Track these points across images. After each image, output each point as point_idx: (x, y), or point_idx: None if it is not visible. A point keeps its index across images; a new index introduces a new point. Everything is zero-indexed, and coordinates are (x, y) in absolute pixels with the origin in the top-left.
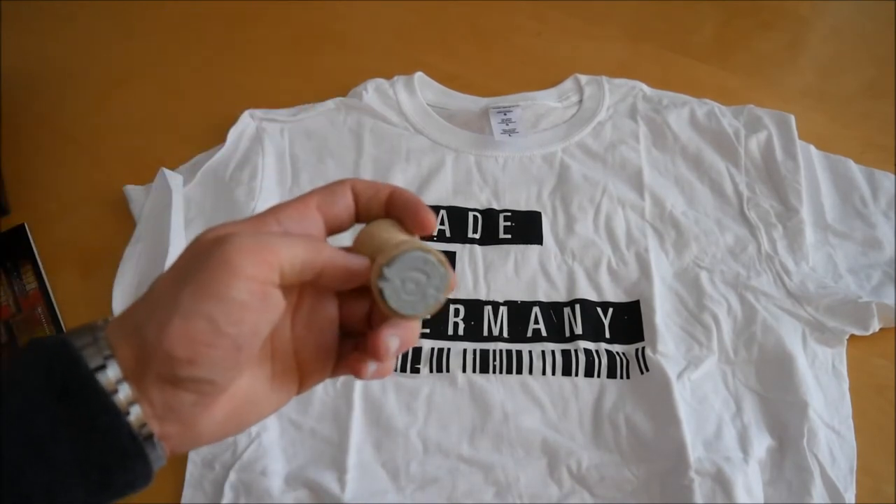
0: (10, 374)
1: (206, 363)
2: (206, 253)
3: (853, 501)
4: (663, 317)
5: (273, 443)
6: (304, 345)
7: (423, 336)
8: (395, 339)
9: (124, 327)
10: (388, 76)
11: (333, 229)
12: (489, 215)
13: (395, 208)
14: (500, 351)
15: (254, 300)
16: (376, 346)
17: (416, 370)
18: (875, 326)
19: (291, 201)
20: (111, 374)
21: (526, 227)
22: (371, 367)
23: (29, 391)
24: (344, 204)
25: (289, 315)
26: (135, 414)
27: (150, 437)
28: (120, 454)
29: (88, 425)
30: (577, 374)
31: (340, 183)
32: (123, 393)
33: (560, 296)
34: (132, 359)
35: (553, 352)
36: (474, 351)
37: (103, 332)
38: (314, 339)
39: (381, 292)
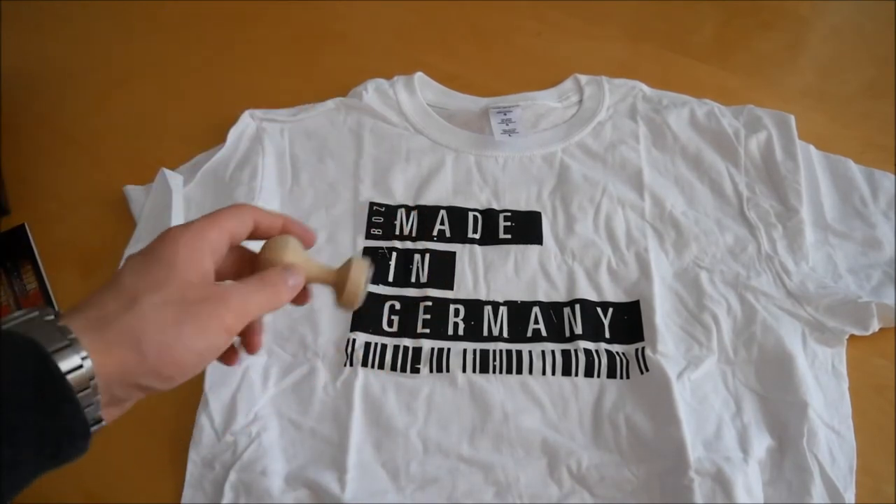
0: None
1: (173, 383)
2: (205, 306)
3: (853, 501)
4: (663, 317)
5: (273, 443)
6: None
7: (423, 336)
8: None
9: (106, 327)
10: (388, 76)
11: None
12: (489, 215)
13: (289, 230)
14: (500, 351)
15: (228, 342)
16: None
17: (416, 370)
18: (875, 326)
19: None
20: (83, 373)
21: (526, 227)
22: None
23: (8, 388)
24: (245, 229)
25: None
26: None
27: (97, 422)
28: (72, 435)
29: (53, 412)
30: (576, 374)
31: (239, 209)
32: (91, 388)
33: (560, 296)
34: (116, 366)
35: (553, 352)
36: (474, 351)
37: (73, 330)
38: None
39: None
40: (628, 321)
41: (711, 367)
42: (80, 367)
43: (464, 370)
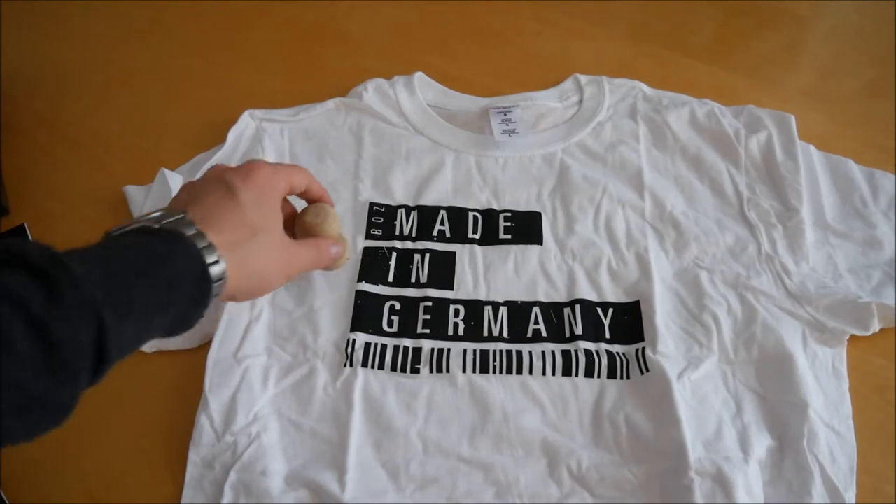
0: (156, 251)
1: (251, 298)
2: (301, 249)
3: (853, 501)
4: (663, 317)
5: (273, 443)
6: None
7: (423, 336)
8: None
9: (235, 252)
10: (388, 76)
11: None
12: (489, 215)
13: (326, 202)
14: (500, 351)
15: (276, 204)
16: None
17: (416, 370)
18: (875, 326)
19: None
20: (221, 284)
21: (526, 228)
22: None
23: (179, 273)
24: (300, 185)
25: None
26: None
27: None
28: (201, 316)
29: (200, 303)
30: (577, 375)
31: (300, 171)
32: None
33: (560, 296)
34: (235, 281)
35: (553, 352)
36: (474, 351)
37: (217, 252)
38: None
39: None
40: (628, 321)
41: (711, 367)
42: (221, 279)
43: (464, 370)
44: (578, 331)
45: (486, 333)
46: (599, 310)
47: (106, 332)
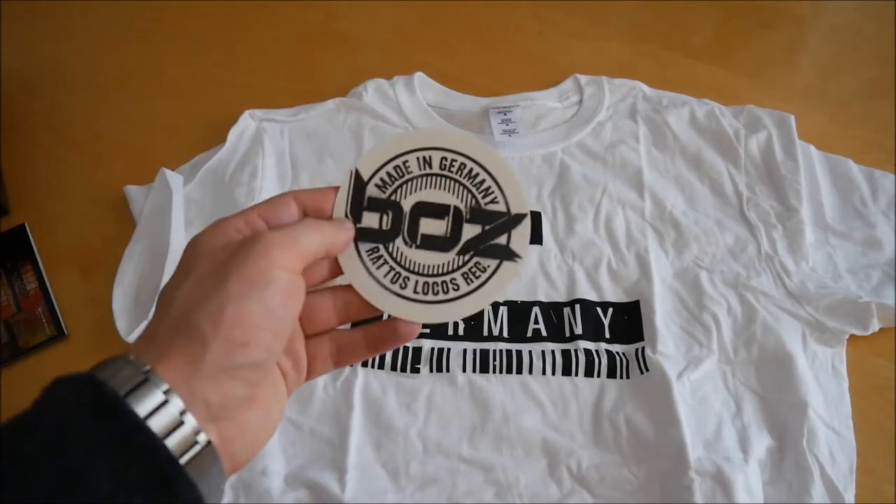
0: (38, 408)
1: (258, 346)
2: (241, 250)
3: (853, 501)
4: (663, 317)
5: (273, 443)
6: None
7: (423, 336)
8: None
9: (158, 339)
10: (388, 76)
11: None
12: None
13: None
14: (500, 351)
15: (291, 287)
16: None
17: (416, 370)
18: (875, 326)
19: (236, 214)
20: (153, 391)
21: None
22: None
23: (59, 420)
24: (288, 214)
25: None
26: (183, 431)
27: (204, 450)
28: (162, 477)
29: (125, 447)
30: (577, 374)
31: (281, 196)
32: (174, 407)
33: (560, 296)
34: (183, 358)
35: (553, 352)
36: (474, 351)
37: (132, 356)
38: (290, 342)
39: None
40: (628, 321)
41: (711, 367)
42: (145, 381)
43: (464, 370)
44: (578, 330)
45: (485, 333)
46: (599, 309)
47: None
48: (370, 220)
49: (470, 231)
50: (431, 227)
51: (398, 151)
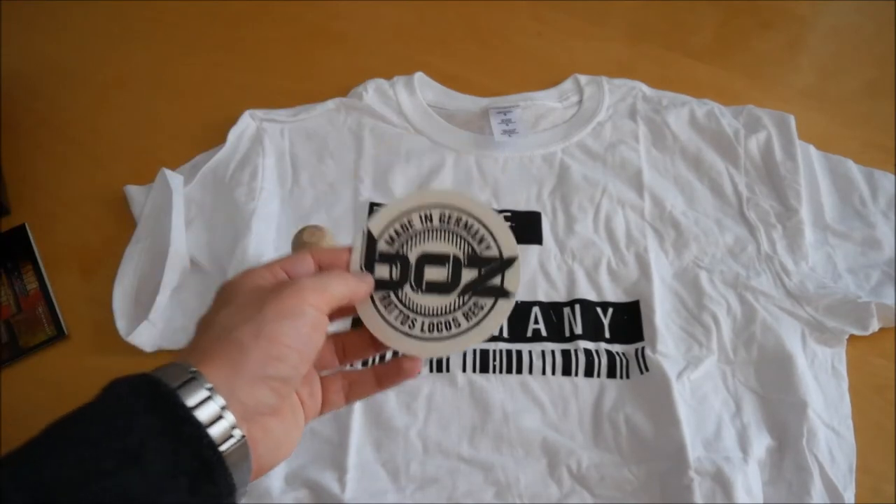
0: (100, 400)
1: (289, 362)
2: (277, 288)
3: (853, 501)
4: (663, 317)
5: None
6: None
7: None
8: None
9: (200, 349)
10: (388, 76)
11: None
12: None
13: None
14: (500, 351)
15: (317, 321)
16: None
17: None
18: (874, 326)
19: (262, 266)
20: (198, 389)
21: (526, 227)
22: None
23: (123, 409)
24: (305, 269)
25: None
26: (223, 425)
27: (238, 444)
28: (203, 463)
29: (176, 436)
30: (576, 374)
31: (301, 254)
32: (216, 404)
33: (560, 296)
34: (225, 363)
35: (553, 352)
36: (474, 351)
37: (183, 361)
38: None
39: None
40: (628, 321)
41: (711, 367)
42: (192, 378)
43: (464, 370)
44: (578, 330)
45: None
46: (599, 309)
47: None
48: (382, 271)
49: (468, 275)
50: (434, 274)
51: (402, 210)
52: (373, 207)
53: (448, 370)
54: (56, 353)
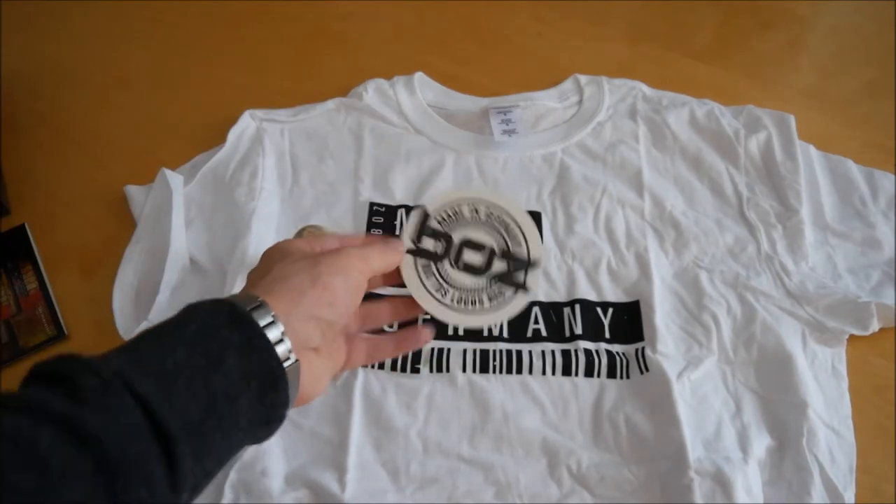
0: (186, 314)
1: (336, 308)
2: (327, 253)
3: (853, 501)
4: (663, 317)
5: (273, 443)
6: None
7: None
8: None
9: (261, 287)
10: (388, 76)
11: None
12: None
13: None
14: (500, 351)
15: (360, 282)
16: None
17: (416, 370)
18: (874, 326)
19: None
20: (265, 315)
21: None
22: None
23: (204, 323)
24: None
25: None
26: (284, 347)
27: (293, 365)
28: (270, 373)
29: (249, 347)
30: (576, 374)
31: (329, 237)
32: (277, 329)
33: (560, 296)
34: (285, 299)
35: (553, 352)
36: (474, 351)
37: (249, 291)
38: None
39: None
40: (628, 321)
41: (711, 367)
42: (259, 305)
43: (464, 370)
44: (578, 330)
45: (485, 333)
46: (599, 309)
47: (152, 406)
48: (428, 244)
49: (499, 265)
50: (471, 257)
51: (457, 199)
52: (373, 207)
53: (448, 370)
54: (56, 353)
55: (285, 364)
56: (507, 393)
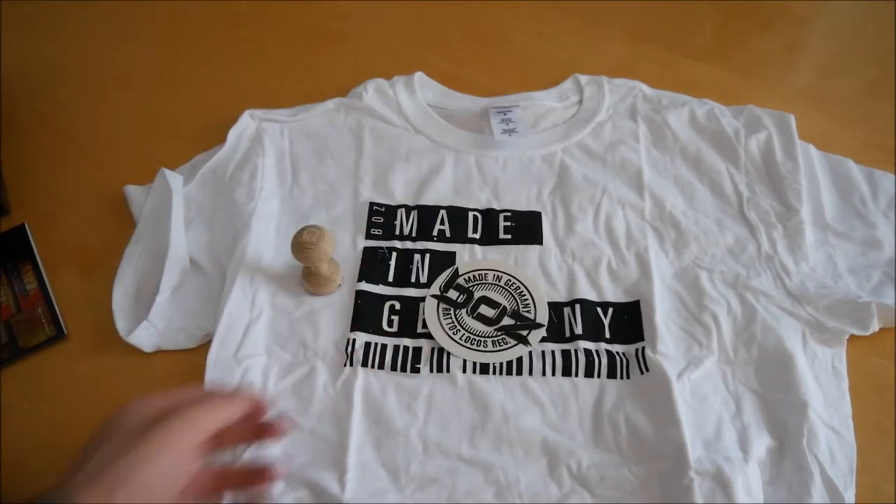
0: None
1: (157, 495)
2: (146, 431)
3: (853, 501)
4: (663, 317)
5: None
6: None
7: (423, 336)
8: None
9: (85, 474)
10: (388, 76)
11: None
12: (489, 215)
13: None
14: None
15: (182, 459)
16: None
17: (416, 370)
18: (875, 326)
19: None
20: None
21: (526, 228)
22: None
23: None
24: (189, 399)
25: None
26: None
27: None
28: None
29: None
30: (576, 375)
31: (190, 387)
32: None
33: (560, 296)
34: (104, 495)
35: (553, 352)
36: None
37: (66, 488)
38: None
39: None
40: (628, 321)
41: (711, 367)
42: None
43: (464, 370)
44: (578, 330)
45: None
46: (599, 309)
47: None
48: (452, 294)
49: (507, 321)
50: (485, 311)
51: (486, 267)
52: (373, 207)
53: (448, 370)
54: (56, 353)
55: None
56: (507, 393)
